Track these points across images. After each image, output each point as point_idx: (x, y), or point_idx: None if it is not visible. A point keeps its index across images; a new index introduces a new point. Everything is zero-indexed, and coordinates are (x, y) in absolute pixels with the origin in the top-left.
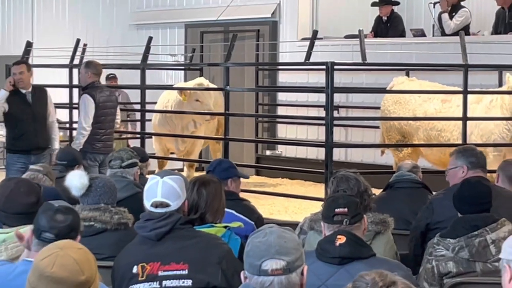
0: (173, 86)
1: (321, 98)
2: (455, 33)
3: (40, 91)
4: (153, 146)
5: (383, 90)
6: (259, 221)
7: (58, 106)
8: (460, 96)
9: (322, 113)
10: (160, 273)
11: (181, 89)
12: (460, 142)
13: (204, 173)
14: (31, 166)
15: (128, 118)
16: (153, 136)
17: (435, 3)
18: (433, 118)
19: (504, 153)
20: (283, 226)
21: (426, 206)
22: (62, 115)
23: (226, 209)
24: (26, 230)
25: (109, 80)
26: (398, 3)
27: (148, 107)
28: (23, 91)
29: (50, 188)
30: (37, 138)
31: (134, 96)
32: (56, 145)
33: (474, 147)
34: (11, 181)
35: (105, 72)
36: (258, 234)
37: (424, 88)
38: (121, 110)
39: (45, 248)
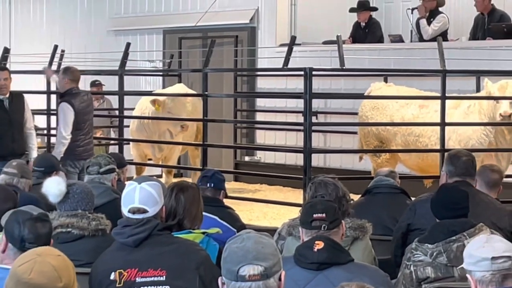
0: (152, 93)
1: (299, 104)
2: (433, 39)
3: (17, 97)
4: (131, 152)
5: (361, 96)
6: (241, 229)
7: (36, 112)
8: (438, 101)
9: (300, 118)
10: (138, 280)
11: (155, 95)
12: (438, 147)
13: (182, 179)
14: (5, 169)
15: (112, 125)
16: (130, 142)
17: (413, 9)
18: (412, 123)
19: (482, 159)
20: (261, 232)
21: (409, 207)
22: (40, 121)
23: (210, 215)
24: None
25: (95, 87)
26: (376, 9)
27: (126, 113)
28: (1, 97)
29: (28, 194)
30: (13, 144)
31: (114, 102)
32: (34, 154)
33: (465, 153)
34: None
35: (89, 79)
36: (235, 240)
37: (401, 94)
38: (105, 116)
39: (23, 254)
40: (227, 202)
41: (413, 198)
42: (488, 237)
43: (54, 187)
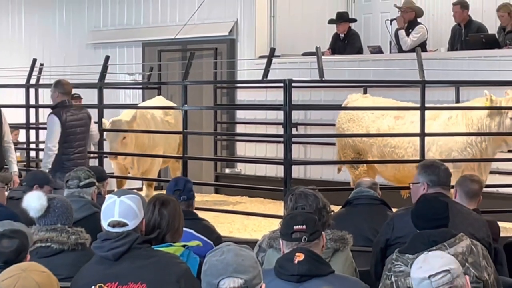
0: (132, 106)
1: (279, 115)
2: (412, 50)
3: None
4: (111, 165)
5: (341, 107)
6: (218, 240)
7: (16, 126)
8: (414, 112)
9: (280, 130)
10: None
11: (134, 108)
12: (416, 158)
13: (163, 191)
14: None
15: None
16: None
17: (391, 20)
18: (390, 134)
19: (463, 170)
20: (241, 244)
21: (387, 222)
22: (20, 135)
23: (185, 229)
24: None
25: (74, 100)
26: (355, 20)
27: None
28: None
29: (6, 209)
30: None
31: (94, 116)
32: (14, 167)
33: (440, 163)
34: None
35: None
36: (215, 253)
37: (377, 105)
38: None
39: (8, 269)
40: (208, 214)
41: (393, 210)
42: (425, 256)
43: (35, 201)
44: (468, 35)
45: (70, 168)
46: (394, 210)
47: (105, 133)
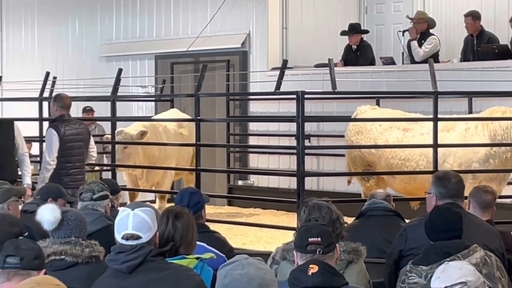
0: (145, 118)
1: (292, 127)
2: (425, 61)
3: (5, 125)
4: (124, 178)
5: (354, 119)
6: (230, 253)
7: (28, 139)
8: (424, 124)
9: (293, 142)
10: None
11: (147, 120)
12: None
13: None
14: None
15: (104, 151)
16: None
17: (404, 31)
18: (404, 146)
19: (480, 180)
20: (254, 257)
21: (400, 233)
22: (33, 148)
23: (197, 242)
24: None
25: (86, 113)
26: (367, 32)
27: None
28: None
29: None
30: (2, 172)
31: (107, 128)
32: (28, 180)
33: (454, 174)
34: None
35: (81, 105)
36: (235, 266)
37: (385, 116)
38: (96, 142)
39: (22, 282)
40: (221, 226)
41: (407, 221)
42: (445, 266)
43: (49, 214)
44: (480, 46)
45: (68, 184)
46: (407, 221)
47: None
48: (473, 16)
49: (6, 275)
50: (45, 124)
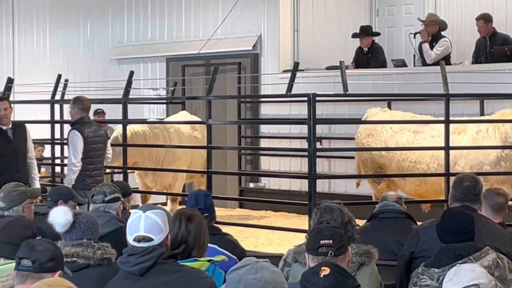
0: (157, 120)
1: (303, 129)
2: (436, 63)
3: (19, 127)
4: (136, 180)
5: (365, 121)
6: (242, 255)
7: (41, 142)
8: (434, 126)
9: (304, 144)
10: None
11: (160, 123)
12: (441, 173)
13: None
14: None
15: None
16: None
17: (415, 33)
18: (416, 148)
19: (492, 183)
20: (263, 259)
21: (411, 235)
22: (45, 151)
23: (209, 244)
24: (13, 266)
25: (97, 115)
26: (378, 34)
27: None
28: (4, 127)
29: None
30: (18, 174)
31: None
32: (37, 184)
33: (470, 178)
34: (11, 217)
35: (92, 107)
36: (248, 270)
37: (396, 119)
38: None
39: (34, 284)
40: (232, 229)
41: (418, 223)
42: (457, 268)
43: (61, 216)
44: (492, 48)
45: (90, 185)
46: (418, 223)
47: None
48: (485, 19)
49: (20, 278)
50: (57, 126)
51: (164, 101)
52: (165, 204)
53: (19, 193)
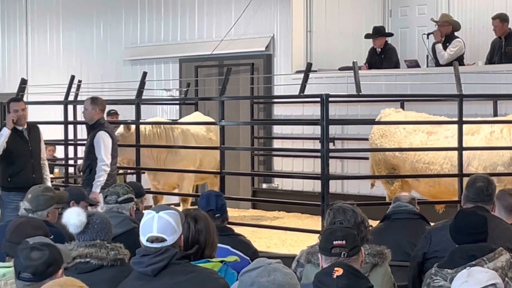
0: (170, 121)
1: (316, 130)
2: (449, 64)
3: (33, 128)
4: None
5: (378, 122)
6: (254, 256)
7: (54, 143)
8: (448, 127)
9: (317, 145)
10: None
11: (173, 123)
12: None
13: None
14: (21, 204)
15: None
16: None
17: (428, 34)
18: (429, 149)
19: (505, 184)
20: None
21: (424, 235)
22: (58, 151)
23: (222, 245)
24: None
25: (110, 116)
26: (391, 35)
27: None
28: (20, 128)
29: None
30: (34, 175)
31: None
32: (48, 184)
33: (483, 178)
34: (23, 218)
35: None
36: (261, 273)
37: (410, 119)
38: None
39: (46, 285)
40: (245, 230)
41: (432, 224)
42: (469, 271)
43: (74, 217)
44: (507, 47)
45: (110, 185)
46: (431, 224)
47: None
48: (501, 19)
49: (23, 286)
50: (70, 127)
51: (177, 102)
52: (178, 204)
53: (47, 199)
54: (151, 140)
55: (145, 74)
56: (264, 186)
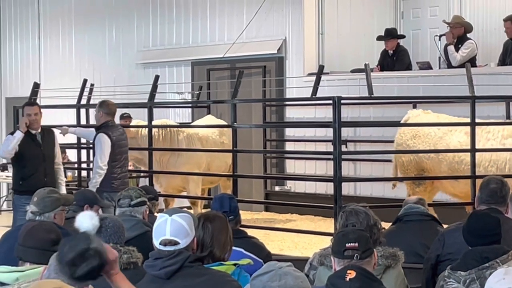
0: (182, 124)
1: (328, 132)
2: (462, 65)
3: (48, 132)
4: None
5: (391, 124)
6: (268, 258)
7: (67, 146)
8: (488, 129)
9: (330, 147)
10: None
11: (185, 127)
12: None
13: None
14: (28, 208)
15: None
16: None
17: (440, 36)
18: (438, 151)
19: None
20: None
21: (437, 238)
22: (71, 155)
23: (235, 248)
24: (39, 271)
25: (123, 119)
26: (403, 37)
27: None
28: (33, 131)
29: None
30: (45, 178)
31: None
32: (63, 189)
33: (496, 180)
34: (36, 221)
35: (118, 112)
36: (272, 277)
37: (441, 121)
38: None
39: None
40: (258, 232)
41: (444, 226)
42: (506, 270)
43: (87, 221)
44: None
45: (118, 188)
46: (444, 226)
47: None
48: None
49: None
50: None
51: (190, 105)
52: (190, 208)
53: (53, 200)
54: (155, 142)
55: (157, 77)
56: (277, 188)
